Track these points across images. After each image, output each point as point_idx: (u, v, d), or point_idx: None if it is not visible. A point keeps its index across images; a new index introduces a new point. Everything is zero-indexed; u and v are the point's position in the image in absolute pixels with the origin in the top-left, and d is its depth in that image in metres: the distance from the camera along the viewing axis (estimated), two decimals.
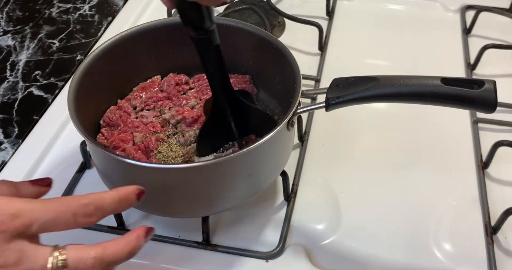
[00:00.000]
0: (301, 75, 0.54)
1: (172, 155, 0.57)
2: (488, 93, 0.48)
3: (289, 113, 0.51)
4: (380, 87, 0.50)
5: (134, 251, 0.40)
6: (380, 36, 0.86)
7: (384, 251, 0.57)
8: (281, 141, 0.54)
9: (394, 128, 0.71)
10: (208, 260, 0.55)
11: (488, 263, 0.55)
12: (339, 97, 0.51)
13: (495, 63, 0.79)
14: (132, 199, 0.42)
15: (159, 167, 0.48)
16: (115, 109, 0.62)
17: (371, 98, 0.50)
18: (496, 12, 0.86)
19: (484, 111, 0.49)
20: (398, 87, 0.49)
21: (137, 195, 0.42)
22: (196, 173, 0.48)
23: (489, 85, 0.48)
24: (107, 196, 0.40)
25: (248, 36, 0.61)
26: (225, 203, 0.53)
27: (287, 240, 0.57)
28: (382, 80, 0.50)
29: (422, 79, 0.49)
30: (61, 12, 0.91)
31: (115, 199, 0.41)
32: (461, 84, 0.48)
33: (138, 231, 0.41)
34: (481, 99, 0.48)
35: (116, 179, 0.53)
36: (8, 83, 0.77)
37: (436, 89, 0.48)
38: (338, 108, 0.52)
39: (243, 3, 0.86)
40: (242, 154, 0.47)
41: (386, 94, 0.50)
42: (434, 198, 0.62)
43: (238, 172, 0.50)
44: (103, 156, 0.51)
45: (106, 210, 0.40)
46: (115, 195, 0.41)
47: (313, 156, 0.66)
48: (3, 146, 0.68)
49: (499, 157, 0.64)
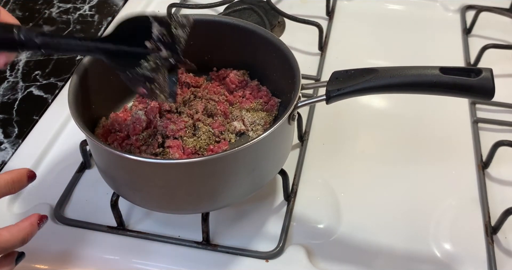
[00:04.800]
0: (300, 70, 0.54)
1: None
2: (485, 80, 0.48)
3: (290, 106, 0.51)
4: (380, 78, 0.50)
5: (27, 237, 0.43)
6: (380, 36, 0.86)
7: (384, 251, 0.57)
8: (283, 135, 0.54)
9: (394, 128, 0.71)
10: (208, 260, 0.55)
11: (488, 263, 0.55)
12: (340, 90, 0.51)
13: (495, 63, 0.78)
14: (24, 181, 0.44)
15: (161, 162, 0.48)
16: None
17: (371, 89, 0.51)
18: (496, 12, 0.86)
19: (483, 98, 0.50)
20: (398, 78, 0.50)
21: (28, 176, 0.44)
22: (199, 168, 0.48)
23: (486, 73, 0.49)
24: (1, 179, 0.43)
25: (247, 33, 0.61)
26: (227, 199, 0.53)
27: (287, 240, 0.57)
28: (382, 71, 0.50)
29: (421, 69, 0.50)
30: (61, 12, 0.91)
31: (9, 181, 0.43)
32: (459, 73, 0.49)
33: (32, 218, 0.43)
34: (479, 87, 0.48)
35: (118, 176, 0.53)
36: (8, 83, 0.77)
37: (435, 79, 0.49)
38: (339, 100, 0.52)
39: (243, 3, 0.86)
40: (245, 148, 0.47)
41: (386, 85, 0.50)
42: (434, 198, 0.62)
43: (241, 166, 0.50)
44: (104, 153, 0.51)
45: (1, 192, 0.42)
46: (9, 178, 0.43)
47: (313, 156, 0.66)
48: (3, 146, 0.68)
49: (499, 157, 0.64)
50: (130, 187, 0.53)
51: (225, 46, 0.65)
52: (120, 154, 0.48)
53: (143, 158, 0.48)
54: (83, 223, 0.58)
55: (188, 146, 0.57)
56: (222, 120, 0.60)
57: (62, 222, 0.59)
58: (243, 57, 0.65)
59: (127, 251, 0.56)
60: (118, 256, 0.56)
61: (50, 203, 0.61)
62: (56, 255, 0.56)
